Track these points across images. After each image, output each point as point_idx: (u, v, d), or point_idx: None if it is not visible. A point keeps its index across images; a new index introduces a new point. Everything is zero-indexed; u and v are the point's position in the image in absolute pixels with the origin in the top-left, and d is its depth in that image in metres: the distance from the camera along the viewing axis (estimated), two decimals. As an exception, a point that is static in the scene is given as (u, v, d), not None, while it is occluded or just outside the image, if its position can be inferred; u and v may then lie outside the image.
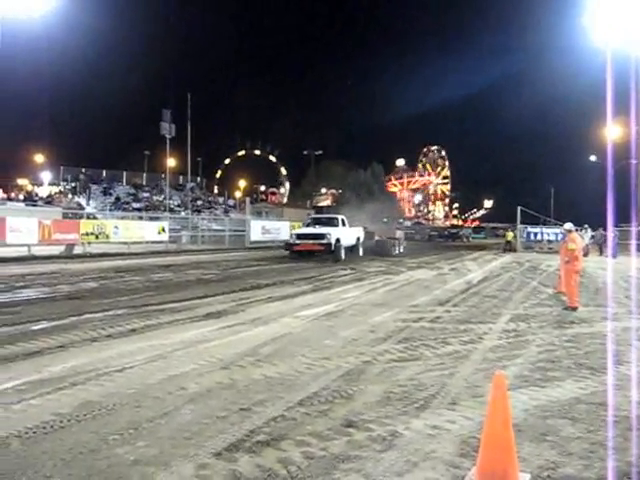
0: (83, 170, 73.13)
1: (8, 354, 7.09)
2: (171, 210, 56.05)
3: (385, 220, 45.55)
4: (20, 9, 36.07)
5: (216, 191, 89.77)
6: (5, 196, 37.56)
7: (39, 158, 70.61)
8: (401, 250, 35.36)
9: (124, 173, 77.14)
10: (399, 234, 37.96)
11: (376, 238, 33.36)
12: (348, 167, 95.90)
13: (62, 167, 71.36)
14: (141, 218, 42.35)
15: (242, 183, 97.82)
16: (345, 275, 18.90)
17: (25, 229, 26.66)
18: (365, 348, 7.70)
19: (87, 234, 29.92)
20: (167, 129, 58.05)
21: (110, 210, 53.87)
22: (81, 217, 35.35)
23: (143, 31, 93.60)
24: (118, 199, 65.94)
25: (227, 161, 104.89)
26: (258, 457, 4.12)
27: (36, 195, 46.33)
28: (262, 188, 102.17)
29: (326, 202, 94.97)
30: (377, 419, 4.95)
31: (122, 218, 38.57)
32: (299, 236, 27.14)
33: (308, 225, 29.28)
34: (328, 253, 26.03)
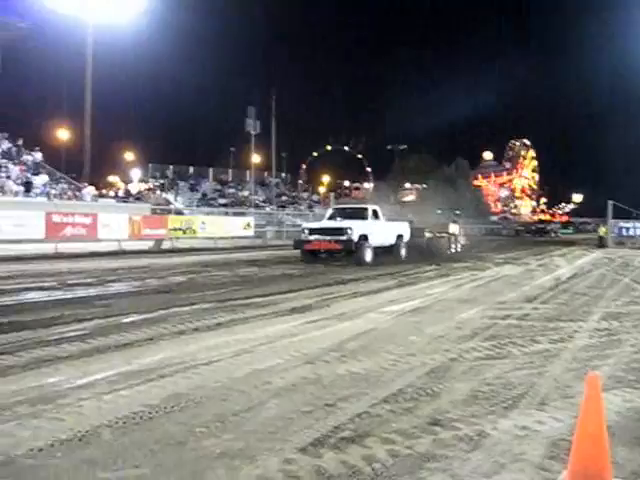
0: (171, 167, 74.85)
1: (100, 346, 7.29)
2: (256, 206, 56.76)
3: (439, 211, 40.57)
4: (111, 14, 37.17)
5: (300, 187, 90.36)
6: (97, 193, 38.70)
7: (129, 156, 72.67)
8: (458, 249, 30.58)
9: (210, 170, 78.56)
10: (454, 228, 31.34)
11: (427, 235, 27.35)
12: (432, 162, 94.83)
13: (150, 164, 73.24)
14: (227, 214, 43.05)
15: (326, 178, 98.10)
16: (430, 271, 18.71)
17: (116, 225, 27.52)
18: (451, 345, 7.57)
19: (175, 229, 30.65)
20: (252, 126, 58.86)
21: (197, 206, 54.99)
22: (169, 213, 36.18)
23: (228, 28, 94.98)
24: (205, 195, 67.18)
25: (312, 157, 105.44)
26: (343, 453, 4.09)
27: (126, 192, 47.64)
28: (346, 183, 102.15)
29: (410, 197, 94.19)
30: (463, 418, 4.84)
31: (208, 214, 39.37)
32: (312, 231, 21.58)
33: (330, 218, 23.07)
34: (348, 253, 20.95)
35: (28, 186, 33.32)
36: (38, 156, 39.26)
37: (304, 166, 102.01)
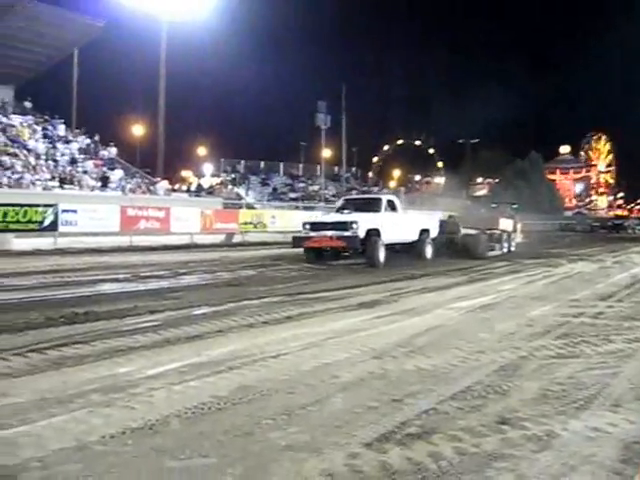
0: (242, 162, 75.74)
1: (171, 337, 7.44)
2: (326, 200, 56.89)
3: (494, 205, 36.23)
4: (184, 11, 37.78)
5: (371, 181, 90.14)
6: (170, 187, 39.46)
7: (201, 151, 73.84)
8: (512, 247, 26.48)
9: (281, 164, 79.15)
10: (505, 224, 26.48)
11: (463, 231, 23.13)
12: (505, 156, 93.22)
13: (222, 159, 74.28)
14: (297, 208, 43.28)
15: (397, 173, 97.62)
16: (501, 267, 18.41)
17: (188, 219, 28.02)
18: (521, 343, 7.42)
19: (246, 223, 31.00)
20: (322, 120, 59.04)
21: (268, 200, 55.50)
22: (240, 207, 36.63)
23: (299, 23, 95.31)
24: (275, 189, 67.77)
25: (383, 151, 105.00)
26: (408, 450, 4.05)
27: (198, 186, 48.40)
28: (417, 177, 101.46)
29: (482, 192, 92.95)
30: (533, 417, 4.74)
31: (279, 208, 39.63)
32: (314, 226, 18.23)
33: (339, 210, 19.85)
34: (355, 252, 17.91)
35: (104, 181, 34.21)
36: (113, 151, 40.25)
37: (375, 160, 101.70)
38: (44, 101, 40.94)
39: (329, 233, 17.40)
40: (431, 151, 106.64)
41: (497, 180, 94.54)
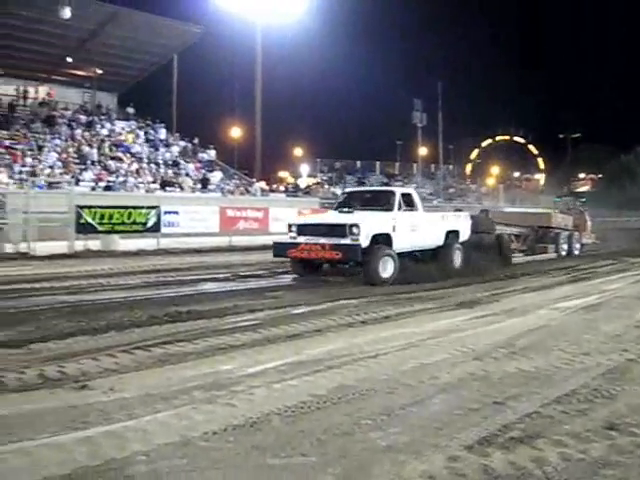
0: (338, 161, 76.02)
1: (271, 336, 7.53)
2: (423, 199, 56.39)
3: (557, 199, 31.05)
4: (278, 13, 38.22)
5: (469, 179, 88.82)
6: (268, 188, 40.01)
7: (298, 152, 74.55)
8: (575, 251, 22.20)
9: (377, 163, 78.96)
10: (561, 221, 22.12)
11: (497, 232, 18.47)
12: (608, 151, 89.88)
13: (318, 160, 74.76)
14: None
15: (495, 170, 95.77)
16: (606, 265, 17.76)
17: (286, 219, 28.25)
18: (629, 345, 7.13)
19: (342, 223, 30.95)
20: (418, 118, 58.57)
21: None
22: (337, 207, 36.66)
23: (393, 22, 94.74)
24: (372, 189, 67.58)
25: (480, 147, 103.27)
26: (511, 454, 3.95)
27: (295, 186, 48.91)
28: (516, 174, 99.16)
29: (585, 188, 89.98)
30: (643, 423, 4.55)
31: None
32: (302, 229, 13.80)
33: (339, 207, 14.95)
34: (351, 265, 13.67)
35: (205, 182, 35.01)
36: (212, 154, 41.16)
37: (472, 157, 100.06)
38: (146, 106, 42.32)
39: (322, 240, 12.98)
40: (530, 146, 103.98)
41: (600, 176, 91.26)
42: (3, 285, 11.98)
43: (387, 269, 12.93)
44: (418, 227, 14.38)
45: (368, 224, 12.94)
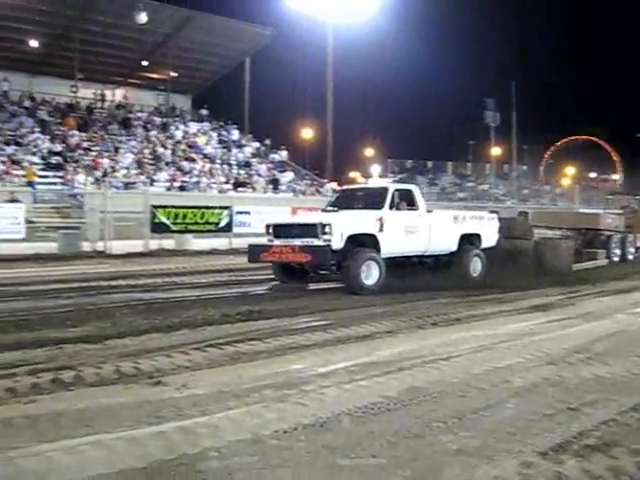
0: (409, 162, 75.62)
1: (341, 336, 7.54)
2: (496, 199, 55.58)
3: (611, 196, 28.97)
4: (349, 13, 38.22)
5: (543, 179, 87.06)
6: (339, 188, 40.12)
7: (369, 152, 74.45)
8: (629, 255, 19.64)
9: (449, 164, 78.23)
10: (610, 222, 19.43)
11: (536, 237, 16.43)
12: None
13: (389, 160, 74.53)
14: (466, 208, 42.54)
15: (570, 170, 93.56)
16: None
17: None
18: None
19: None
20: (491, 118, 57.73)
21: (436, 200, 54.98)
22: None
23: (463, 21, 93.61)
24: (443, 189, 67.05)
25: (555, 147, 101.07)
26: (586, 462, 3.84)
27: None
28: (592, 175, 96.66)
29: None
30: None
31: (448, 208, 39.09)
32: (278, 230, 12.62)
33: (330, 207, 13.81)
34: (321, 269, 12.41)
35: (276, 183, 35.35)
36: (284, 155, 41.52)
37: (546, 157, 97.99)
38: (219, 108, 43.05)
39: (295, 241, 11.81)
40: (607, 147, 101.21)
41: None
42: (81, 282, 12.38)
43: (371, 275, 11.59)
44: (418, 229, 12.84)
45: (342, 223, 11.71)
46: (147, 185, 25.42)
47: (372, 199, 13.14)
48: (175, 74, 40.62)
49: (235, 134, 40.80)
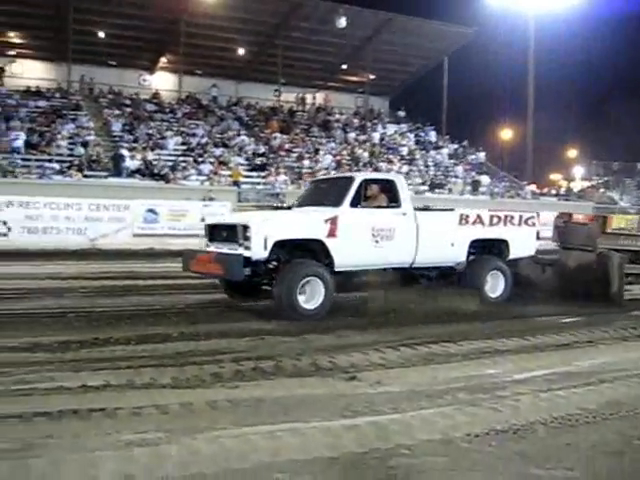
0: (616, 164, 71.41)
1: (539, 343, 7.38)
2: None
3: None
4: (552, 4, 36.73)
5: None
6: (538, 191, 38.76)
7: (572, 153, 71.21)
8: None
9: (663, 165, 72.89)
10: None
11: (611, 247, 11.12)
12: None
13: (594, 162, 70.81)
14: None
15: None
16: None
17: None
18: None
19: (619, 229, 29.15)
20: None
21: (645, 205, 51.62)
22: (612, 212, 34.58)
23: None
24: (655, 193, 62.70)
25: None
26: None
27: (568, 190, 46.79)
28: None
29: None
30: None
31: (657, 213, 36.60)
32: (213, 233, 10.08)
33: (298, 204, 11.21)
34: (232, 282, 9.87)
35: (475, 185, 34.83)
36: (481, 156, 40.77)
37: None
38: (416, 109, 43.01)
39: (224, 248, 9.44)
40: None
41: None
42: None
43: (312, 296, 8.79)
44: (397, 233, 9.68)
45: (265, 226, 8.98)
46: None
47: (334, 193, 10.03)
48: (373, 76, 41.12)
49: (432, 135, 40.67)
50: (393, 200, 9.89)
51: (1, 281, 11.02)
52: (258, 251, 8.65)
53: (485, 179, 36.58)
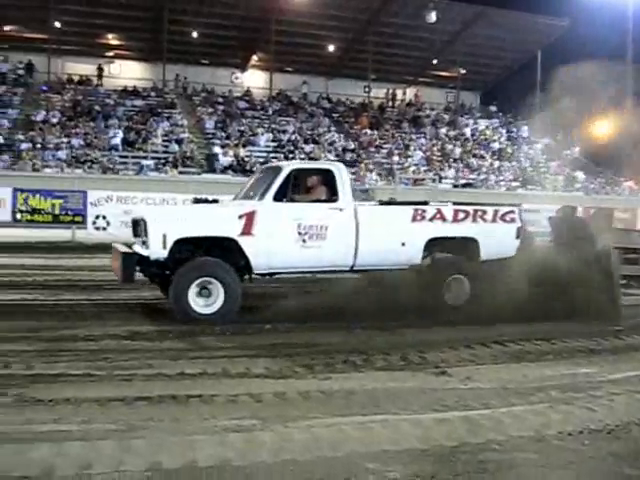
0: None
1: (635, 344, 7.29)
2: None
3: None
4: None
5: None
6: (637, 188, 37.42)
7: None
8: None
9: None
10: None
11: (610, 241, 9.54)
12: None
13: None
14: None
15: None
16: None
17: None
18: None
19: None
20: None
21: None
22: None
23: None
24: None
25: None
26: None
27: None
28: None
29: None
30: None
31: None
32: (134, 228, 8.94)
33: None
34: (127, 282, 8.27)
35: (570, 181, 34.00)
36: (576, 151, 39.63)
37: None
38: (508, 104, 42.12)
39: (136, 245, 8.69)
40: None
41: None
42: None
43: (212, 300, 7.88)
44: (333, 230, 8.46)
45: (164, 221, 8.13)
46: (435, 182, 25.84)
47: (262, 185, 8.89)
48: (464, 71, 40.52)
49: (525, 130, 39.82)
50: (333, 193, 8.68)
51: (100, 273, 11.43)
52: (157, 250, 7.71)
53: (580, 175, 35.61)
